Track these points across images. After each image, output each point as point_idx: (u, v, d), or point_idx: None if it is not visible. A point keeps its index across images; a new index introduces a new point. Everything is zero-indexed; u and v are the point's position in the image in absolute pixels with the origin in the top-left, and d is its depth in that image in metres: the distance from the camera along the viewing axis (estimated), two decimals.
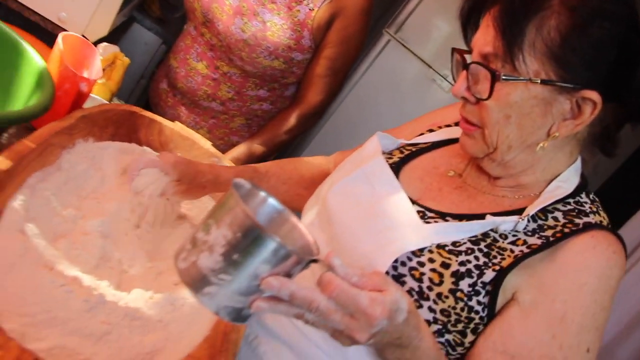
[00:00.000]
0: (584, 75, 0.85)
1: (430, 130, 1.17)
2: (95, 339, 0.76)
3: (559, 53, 0.85)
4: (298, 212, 0.99)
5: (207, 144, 1.31)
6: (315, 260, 0.69)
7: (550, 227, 0.91)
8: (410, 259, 0.90)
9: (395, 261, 0.90)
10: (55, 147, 1.00)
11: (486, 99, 0.88)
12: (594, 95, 0.85)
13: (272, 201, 0.77)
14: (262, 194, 0.77)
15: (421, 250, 0.90)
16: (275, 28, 1.55)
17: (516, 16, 0.86)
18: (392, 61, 2.70)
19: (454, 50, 0.97)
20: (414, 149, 1.12)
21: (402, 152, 1.11)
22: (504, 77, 0.87)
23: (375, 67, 2.73)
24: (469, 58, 0.94)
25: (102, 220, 0.97)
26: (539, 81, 0.86)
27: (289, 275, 0.67)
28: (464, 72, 0.92)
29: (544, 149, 0.91)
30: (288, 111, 1.72)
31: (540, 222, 0.92)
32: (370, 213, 0.98)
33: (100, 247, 0.93)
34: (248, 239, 0.64)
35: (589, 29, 0.84)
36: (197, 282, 0.67)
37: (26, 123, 1.12)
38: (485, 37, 0.89)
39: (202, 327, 0.86)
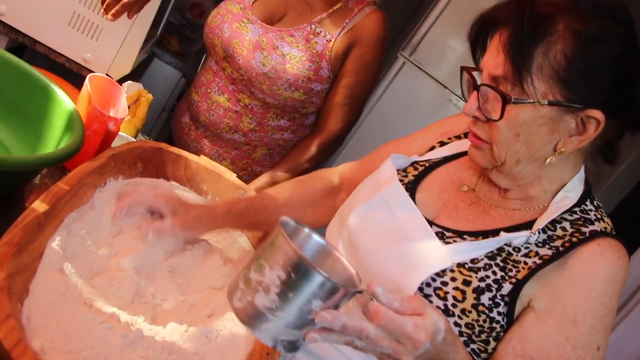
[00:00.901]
0: (588, 95, 0.89)
1: (441, 143, 1.20)
2: None
3: (565, 75, 0.89)
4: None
5: (232, 177, 1.34)
6: (359, 292, 0.74)
7: (559, 237, 0.96)
8: (434, 280, 0.95)
9: (421, 283, 0.94)
10: (88, 186, 1.02)
11: (497, 120, 0.93)
12: (597, 114, 0.89)
13: (315, 237, 0.82)
14: (306, 230, 0.82)
15: (443, 270, 0.95)
16: (294, 60, 1.58)
17: (525, 42, 0.90)
18: (408, 83, 2.72)
19: (462, 68, 1.02)
20: (427, 165, 1.16)
21: (416, 169, 1.15)
22: (514, 100, 0.91)
23: (391, 90, 2.75)
24: (477, 76, 0.98)
25: (134, 257, 1.00)
26: (547, 102, 0.90)
27: (337, 306, 0.72)
28: (475, 92, 0.96)
29: (551, 163, 0.96)
30: (309, 140, 1.74)
31: (549, 232, 0.97)
32: (392, 237, 1.03)
33: (134, 283, 0.95)
34: (302, 279, 0.69)
35: (592, 52, 0.88)
36: (254, 320, 0.72)
37: None
38: (495, 61, 0.93)
39: (237, 358, 0.88)
